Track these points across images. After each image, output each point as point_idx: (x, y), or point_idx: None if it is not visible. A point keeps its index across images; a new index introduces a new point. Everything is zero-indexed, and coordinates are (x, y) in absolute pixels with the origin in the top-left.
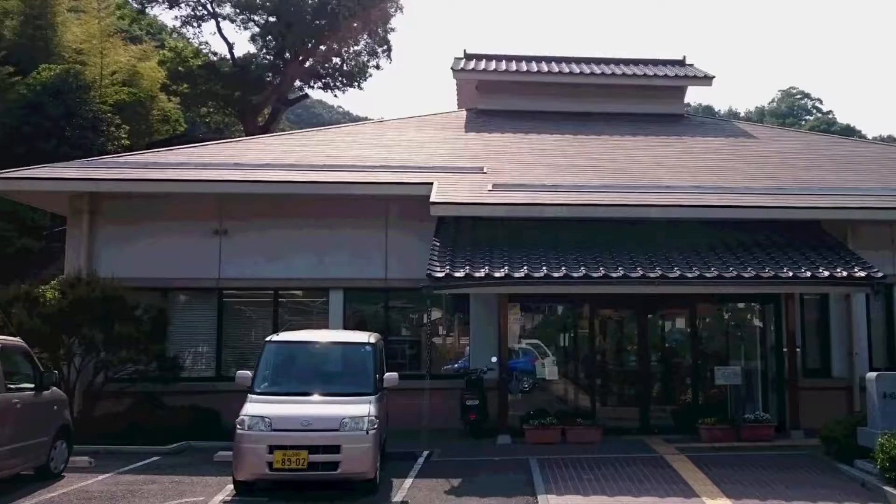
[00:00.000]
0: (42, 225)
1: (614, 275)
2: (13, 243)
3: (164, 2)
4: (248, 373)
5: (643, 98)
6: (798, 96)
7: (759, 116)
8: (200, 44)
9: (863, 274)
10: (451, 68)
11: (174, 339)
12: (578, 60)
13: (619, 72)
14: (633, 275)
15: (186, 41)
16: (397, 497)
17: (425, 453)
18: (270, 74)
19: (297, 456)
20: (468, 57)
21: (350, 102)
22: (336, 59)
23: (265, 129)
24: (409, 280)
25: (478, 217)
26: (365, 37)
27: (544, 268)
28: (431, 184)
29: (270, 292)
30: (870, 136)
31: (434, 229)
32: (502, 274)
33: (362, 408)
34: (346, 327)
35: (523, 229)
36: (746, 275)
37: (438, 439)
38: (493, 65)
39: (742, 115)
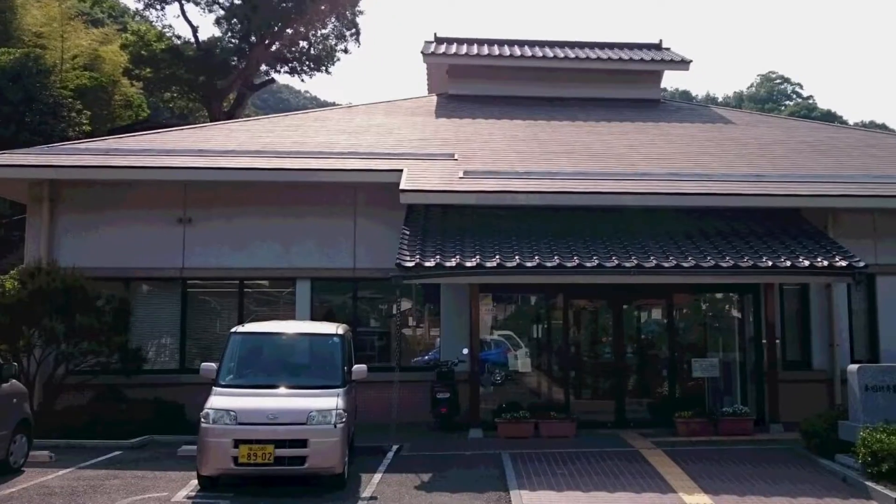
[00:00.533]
0: (1, 213)
1: (589, 264)
2: None
3: None
4: (213, 365)
5: (618, 83)
6: (777, 81)
7: (738, 102)
8: (164, 27)
9: (844, 263)
10: (422, 52)
11: (137, 331)
12: (552, 44)
13: (593, 56)
14: (608, 264)
15: (149, 24)
16: (366, 492)
17: (395, 447)
18: (236, 58)
19: (263, 450)
20: (439, 41)
21: (317, 87)
22: (303, 43)
23: (230, 115)
24: (378, 270)
25: (448, 205)
26: (333, 20)
27: (517, 257)
28: (401, 171)
29: (236, 282)
30: (851, 122)
31: (404, 217)
32: (474, 263)
33: (330, 401)
34: (313, 318)
35: (495, 217)
36: (724, 264)
37: (408, 433)
38: (464, 49)
39: (720, 100)
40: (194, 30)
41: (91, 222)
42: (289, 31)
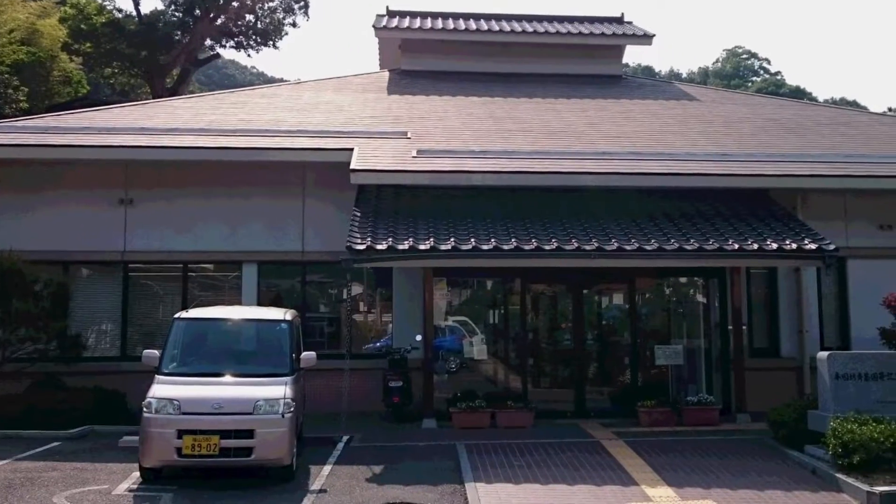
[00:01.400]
0: None
1: (547, 247)
2: None
3: None
4: (156, 352)
5: (578, 58)
6: (744, 56)
7: (703, 78)
8: (104, 0)
9: (813, 246)
10: (373, 26)
11: (76, 316)
12: (509, 17)
13: (552, 30)
14: (567, 247)
15: None
16: (315, 485)
17: (345, 438)
18: (179, 33)
19: (207, 441)
20: (391, 14)
21: (264, 63)
22: (249, 17)
23: (174, 92)
24: (327, 253)
25: (401, 185)
26: None
27: (472, 239)
28: (352, 150)
29: (179, 266)
30: (821, 99)
31: (355, 198)
32: (427, 246)
33: (277, 389)
34: (260, 303)
35: (450, 198)
36: (689, 247)
37: (359, 423)
38: (417, 22)
39: (684, 76)
40: (136, 3)
41: (28, 203)
42: (234, 3)
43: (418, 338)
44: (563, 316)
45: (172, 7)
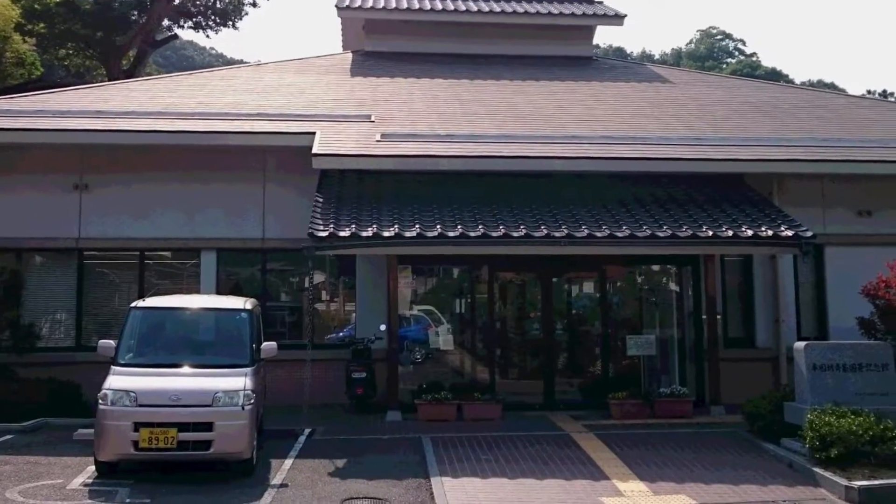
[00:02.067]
0: None
1: (515, 234)
2: None
3: None
4: (112, 342)
5: (547, 39)
6: (718, 37)
7: (676, 59)
8: None
9: (790, 233)
10: (336, 6)
11: (29, 305)
12: None
13: (520, 10)
14: (536, 234)
15: None
16: (276, 479)
17: (307, 431)
18: (136, 13)
19: (165, 434)
20: None
21: (224, 44)
22: None
23: (130, 74)
24: (289, 240)
25: (365, 170)
26: None
27: (438, 226)
28: (314, 134)
29: (136, 253)
30: (798, 81)
31: (317, 184)
32: (392, 233)
33: (237, 381)
34: (219, 292)
35: (415, 184)
36: (661, 234)
37: (322, 416)
38: (381, 2)
39: (657, 57)
40: None
41: None
42: None
43: (382, 327)
44: (532, 305)
45: None
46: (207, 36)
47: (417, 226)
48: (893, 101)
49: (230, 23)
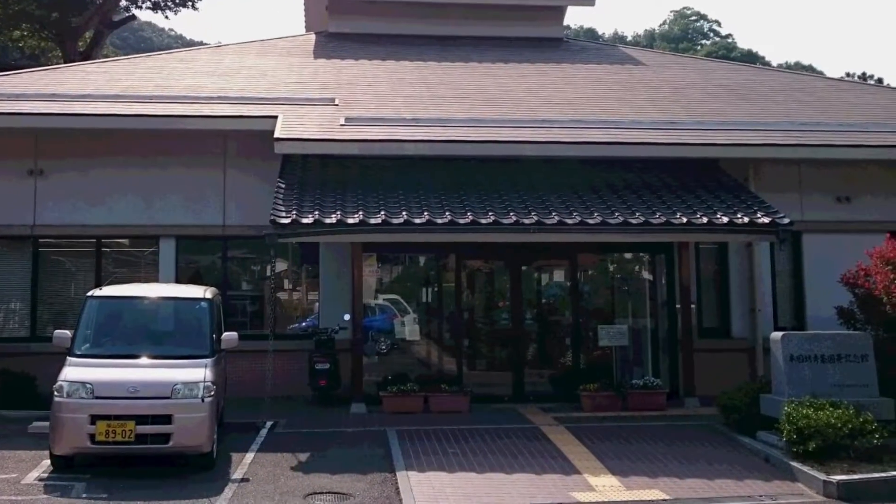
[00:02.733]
0: None
1: (484, 221)
2: None
3: None
4: (67, 332)
5: (516, 20)
6: (693, 18)
7: (649, 41)
8: None
9: (766, 220)
10: None
11: None
12: None
13: None
14: (505, 221)
15: None
16: (236, 474)
17: (269, 424)
18: None
19: (122, 427)
20: None
21: (183, 25)
22: None
23: (87, 56)
24: (250, 227)
25: (329, 155)
26: None
27: (404, 213)
28: (276, 117)
29: (93, 241)
30: (774, 63)
31: (279, 169)
32: (356, 220)
33: (197, 372)
34: (178, 281)
35: (381, 169)
36: (634, 221)
37: (284, 408)
38: None
39: (629, 39)
40: None
41: None
42: None
43: (346, 317)
44: (501, 294)
45: None
46: (166, 17)
47: (383, 212)
48: (873, 83)
49: (189, 3)
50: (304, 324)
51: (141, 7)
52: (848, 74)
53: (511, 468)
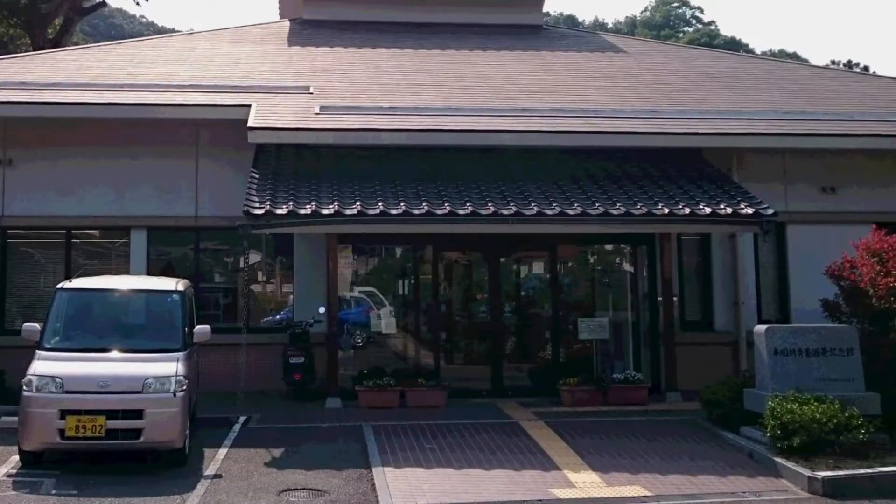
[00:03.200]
0: None
1: (461, 212)
2: None
3: None
4: (37, 325)
5: (495, 6)
6: (675, 5)
7: (630, 28)
8: None
9: (750, 211)
10: None
11: None
12: None
13: None
14: (483, 212)
15: None
16: (209, 470)
17: (242, 419)
18: None
19: (93, 422)
20: None
21: (154, 12)
22: None
23: (56, 43)
24: (223, 218)
25: (303, 144)
26: None
27: (380, 203)
28: (249, 106)
29: (62, 232)
30: (758, 51)
31: (253, 159)
32: (331, 210)
33: (169, 366)
34: (150, 273)
35: (356, 159)
36: (615, 212)
37: (258, 403)
38: None
39: (610, 26)
40: None
41: None
42: None
43: (321, 310)
44: (479, 286)
45: None
46: (137, 3)
47: (358, 203)
48: (859, 71)
49: None
50: (278, 317)
51: None
52: (833, 62)
53: (489, 464)
